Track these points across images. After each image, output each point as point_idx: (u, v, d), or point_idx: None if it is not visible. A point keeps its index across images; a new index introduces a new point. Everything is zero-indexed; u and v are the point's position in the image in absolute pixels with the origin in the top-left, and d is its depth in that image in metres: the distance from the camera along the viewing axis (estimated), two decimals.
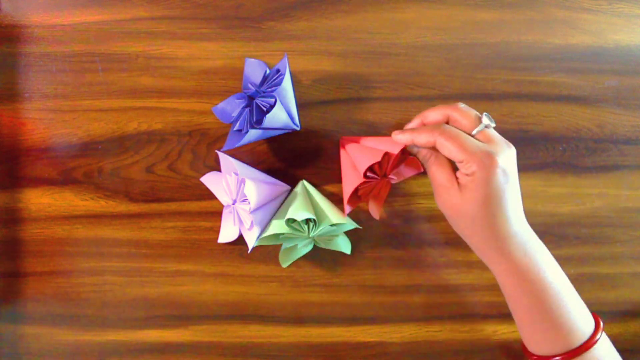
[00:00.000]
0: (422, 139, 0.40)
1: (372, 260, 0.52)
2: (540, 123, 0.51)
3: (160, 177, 0.50)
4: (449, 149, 0.38)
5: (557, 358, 0.38)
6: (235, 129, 0.45)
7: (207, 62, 0.50)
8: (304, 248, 0.49)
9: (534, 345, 0.40)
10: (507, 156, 0.38)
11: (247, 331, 0.52)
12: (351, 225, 0.47)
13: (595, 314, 0.40)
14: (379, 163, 0.45)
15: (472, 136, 0.39)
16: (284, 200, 0.50)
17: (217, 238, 0.51)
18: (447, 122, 0.41)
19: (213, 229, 0.51)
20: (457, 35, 0.50)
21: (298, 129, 0.45)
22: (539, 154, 0.52)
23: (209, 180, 0.48)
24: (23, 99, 0.50)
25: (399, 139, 0.43)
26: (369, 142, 0.48)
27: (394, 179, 0.47)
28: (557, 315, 0.38)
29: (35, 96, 0.50)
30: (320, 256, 0.51)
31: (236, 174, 0.46)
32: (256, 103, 0.45)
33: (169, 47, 0.49)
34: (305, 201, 0.47)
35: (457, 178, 0.39)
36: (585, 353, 0.38)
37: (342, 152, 0.50)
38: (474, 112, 0.40)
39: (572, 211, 0.52)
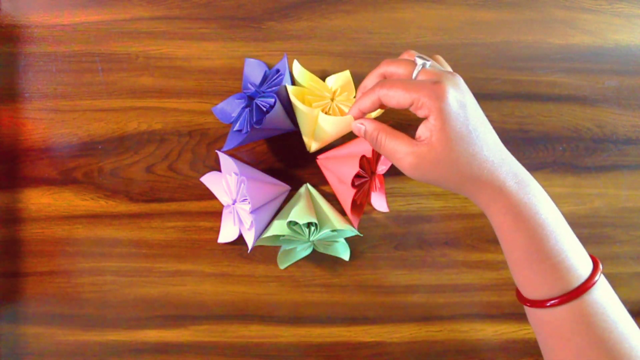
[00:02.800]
0: (366, 102, 0.38)
1: (372, 260, 0.52)
2: (540, 123, 0.51)
3: (160, 177, 0.50)
4: (394, 96, 0.36)
5: (553, 301, 0.35)
6: (235, 129, 0.45)
7: (207, 62, 0.50)
8: (303, 251, 0.49)
9: (529, 289, 0.37)
10: (454, 82, 0.36)
11: (247, 331, 0.52)
12: (352, 232, 0.47)
13: (594, 256, 0.37)
14: (362, 165, 0.45)
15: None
16: (285, 201, 0.50)
17: (217, 238, 0.51)
18: None
19: (213, 229, 0.51)
20: (457, 35, 0.50)
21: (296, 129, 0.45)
22: (539, 154, 0.52)
23: (209, 180, 0.48)
24: (23, 99, 0.50)
25: (352, 115, 0.40)
26: (342, 150, 0.48)
27: (383, 169, 0.47)
28: (554, 255, 0.35)
29: (35, 96, 0.50)
30: (320, 256, 0.51)
31: (236, 174, 0.46)
32: (256, 103, 0.45)
33: (169, 47, 0.49)
34: (308, 205, 0.47)
35: (416, 140, 0.37)
36: (583, 296, 0.34)
37: (325, 172, 0.50)
38: (406, 58, 0.39)
39: (572, 211, 0.52)
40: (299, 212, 0.46)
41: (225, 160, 0.46)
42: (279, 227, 0.46)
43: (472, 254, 0.52)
